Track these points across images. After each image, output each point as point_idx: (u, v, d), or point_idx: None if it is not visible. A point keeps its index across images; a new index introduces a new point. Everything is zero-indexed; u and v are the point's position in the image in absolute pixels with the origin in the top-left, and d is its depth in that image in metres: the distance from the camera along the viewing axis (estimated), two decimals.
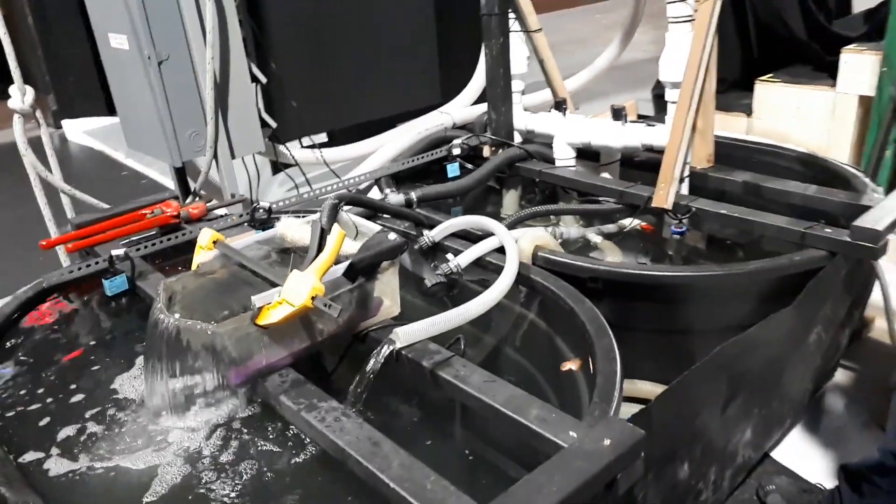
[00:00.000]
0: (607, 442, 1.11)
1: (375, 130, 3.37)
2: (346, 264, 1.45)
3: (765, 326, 1.56)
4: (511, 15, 2.58)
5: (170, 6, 2.23)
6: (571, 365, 1.57)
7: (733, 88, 3.59)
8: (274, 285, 1.43)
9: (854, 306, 2.05)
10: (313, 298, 1.30)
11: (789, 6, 3.46)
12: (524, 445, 1.24)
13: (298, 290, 1.32)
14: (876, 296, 2.08)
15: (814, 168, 2.37)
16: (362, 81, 3.27)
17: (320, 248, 1.41)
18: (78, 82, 5.92)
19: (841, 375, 2.22)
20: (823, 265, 1.79)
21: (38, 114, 2.23)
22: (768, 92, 3.25)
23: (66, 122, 6.18)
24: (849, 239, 1.77)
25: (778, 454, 1.97)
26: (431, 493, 1.08)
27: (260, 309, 1.35)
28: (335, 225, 1.46)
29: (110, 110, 6.86)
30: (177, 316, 1.37)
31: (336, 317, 1.28)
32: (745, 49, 3.67)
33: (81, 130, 6.03)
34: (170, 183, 4.85)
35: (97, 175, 5.15)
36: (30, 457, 1.38)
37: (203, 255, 1.61)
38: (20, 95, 2.17)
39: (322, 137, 3.53)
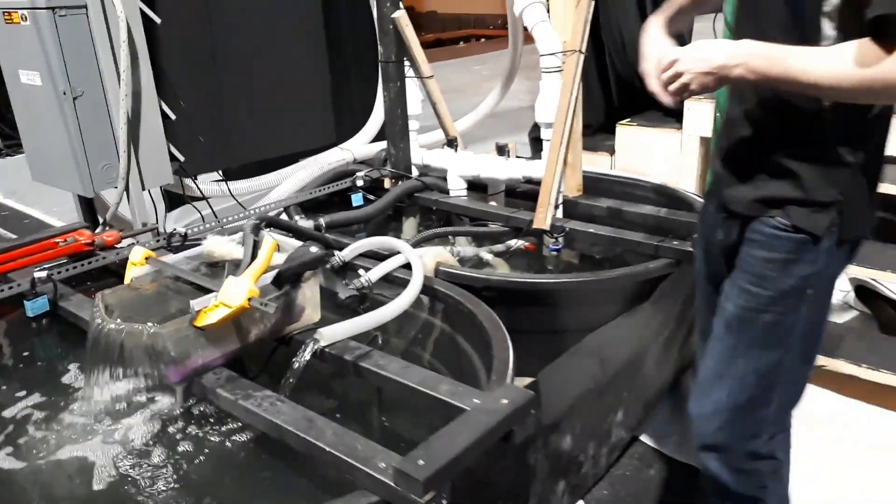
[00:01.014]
0: (504, 401, 1.36)
1: (272, 168, 3.57)
2: (273, 273, 1.64)
3: (627, 318, 1.90)
4: (406, 63, 2.89)
5: (84, 45, 2.35)
6: None
7: (599, 132, 4.09)
8: (209, 292, 1.59)
9: None
10: (250, 299, 1.49)
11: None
12: (435, 417, 1.47)
13: (235, 293, 1.50)
14: None
15: (665, 195, 2.81)
16: (262, 122, 3.45)
17: (254, 257, 1.60)
18: None
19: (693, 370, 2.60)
20: (673, 271, 2.17)
21: None
22: (627, 134, 3.75)
23: None
24: (691, 248, 2.17)
25: (645, 437, 2.30)
26: (363, 452, 1.28)
27: (198, 312, 1.51)
28: (267, 236, 1.66)
29: None
30: (118, 321, 1.50)
31: (272, 313, 1.47)
32: (607, 99, 4.19)
33: None
34: (55, 222, 4.75)
35: None
36: None
37: (135, 270, 1.74)
38: None
39: (217, 174, 3.68)
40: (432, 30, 13.00)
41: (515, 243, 2.56)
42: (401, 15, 2.76)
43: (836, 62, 1.08)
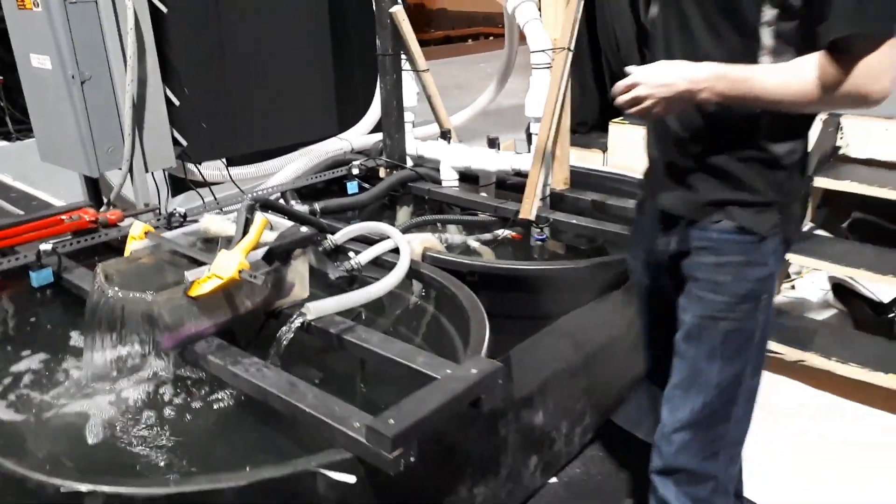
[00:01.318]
0: (473, 371, 1.46)
1: (273, 156, 3.68)
2: (264, 249, 1.74)
3: (599, 303, 1.99)
4: (403, 56, 2.99)
5: (93, 31, 2.45)
6: None
7: (593, 130, 4.18)
8: (203, 265, 1.69)
9: None
10: (240, 272, 1.59)
11: (634, 61, 4.11)
12: (412, 386, 1.57)
13: (227, 265, 1.60)
14: None
15: None
16: (265, 112, 3.56)
17: (245, 232, 1.70)
18: None
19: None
20: None
21: None
22: (620, 132, 3.84)
23: None
24: None
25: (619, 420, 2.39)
26: (339, 413, 1.38)
27: (192, 283, 1.61)
28: (258, 214, 1.76)
29: None
30: (117, 289, 1.60)
31: (261, 285, 1.57)
32: (602, 97, 4.28)
33: None
34: (62, 204, 4.86)
35: None
36: None
37: (135, 244, 1.84)
38: None
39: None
40: (442, 27, 13.05)
41: (502, 233, 2.66)
42: (398, 9, 2.86)
43: (797, 80, 1.14)
